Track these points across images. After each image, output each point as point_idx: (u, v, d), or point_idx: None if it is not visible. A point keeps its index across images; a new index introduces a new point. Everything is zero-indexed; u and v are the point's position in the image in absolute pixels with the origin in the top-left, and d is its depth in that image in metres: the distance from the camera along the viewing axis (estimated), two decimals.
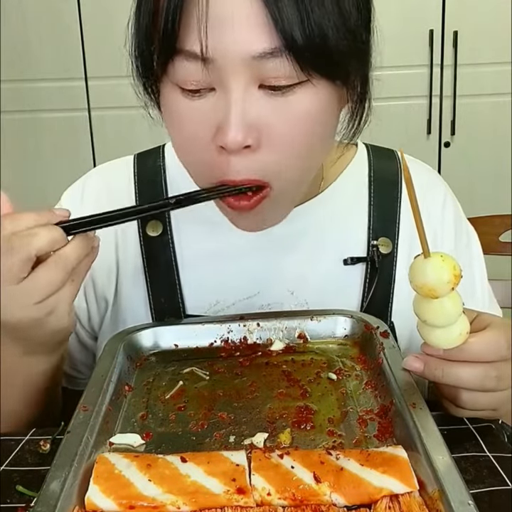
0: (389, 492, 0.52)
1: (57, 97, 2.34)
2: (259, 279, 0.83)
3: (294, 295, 0.84)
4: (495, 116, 2.35)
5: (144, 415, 0.65)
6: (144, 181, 0.86)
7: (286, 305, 0.83)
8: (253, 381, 0.70)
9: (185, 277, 0.83)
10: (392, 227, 0.85)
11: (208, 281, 0.83)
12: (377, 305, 0.84)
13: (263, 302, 0.83)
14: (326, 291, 0.84)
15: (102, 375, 0.68)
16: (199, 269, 0.84)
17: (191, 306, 0.83)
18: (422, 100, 2.34)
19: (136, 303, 0.84)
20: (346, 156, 0.88)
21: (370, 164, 0.88)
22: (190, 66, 0.62)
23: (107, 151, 2.38)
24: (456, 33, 2.27)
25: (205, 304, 0.83)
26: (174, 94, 0.66)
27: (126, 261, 0.85)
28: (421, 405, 0.60)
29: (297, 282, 0.84)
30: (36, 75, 2.32)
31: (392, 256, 0.85)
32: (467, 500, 0.48)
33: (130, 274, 0.85)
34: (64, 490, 0.51)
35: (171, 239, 0.84)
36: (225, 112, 0.63)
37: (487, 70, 2.31)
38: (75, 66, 2.32)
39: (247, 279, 0.83)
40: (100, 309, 0.87)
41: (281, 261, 0.84)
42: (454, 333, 0.60)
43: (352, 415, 0.64)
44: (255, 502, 0.52)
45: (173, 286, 0.83)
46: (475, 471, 0.58)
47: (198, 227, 0.84)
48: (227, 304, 0.83)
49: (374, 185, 0.86)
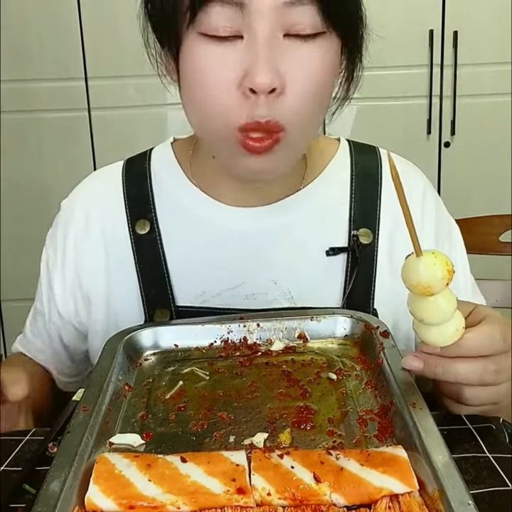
0: (389, 492, 0.52)
1: (57, 97, 2.34)
2: (243, 270, 0.86)
3: (277, 285, 0.86)
4: (495, 116, 2.34)
5: (143, 415, 0.65)
6: (132, 185, 0.90)
7: (270, 295, 0.86)
8: (253, 381, 0.70)
9: (174, 270, 0.87)
10: (372, 218, 0.88)
11: (194, 273, 0.87)
12: (359, 294, 0.86)
13: (247, 292, 0.86)
14: (309, 281, 0.87)
15: (101, 375, 0.68)
16: (186, 262, 0.87)
17: (179, 297, 0.86)
18: (422, 100, 2.34)
19: (128, 296, 0.87)
20: (329, 151, 0.91)
21: (351, 159, 0.91)
22: (223, 12, 0.67)
23: (107, 151, 2.37)
24: (456, 33, 2.27)
25: (192, 294, 0.86)
26: (201, 43, 0.69)
27: (117, 258, 0.89)
28: (421, 405, 0.60)
29: (281, 273, 0.86)
30: (36, 75, 2.32)
31: (372, 246, 0.87)
32: (467, 500, 0.48)
33: (121, 269, 0.88)
34: (64, 490, 0.51)
35: (158, 235, 0.87)
36: (254, 56, 0.67)
37: (487, 70, 2.30)
38: (75, 66, 2.32)
39: (231, 270, 0.86)
40: (86, 306, 0.91)
41: (266, 253, 0.86)
42: (450, 330, 0.60)
43: (352, 415, 0.64)
44: (255, 502, 0.52)
45: (163, 279, 0.86)
46: (475, 471, 0.58)
47: (184, 223, 0.88)
48: (212, 295, 0.86)
49: (356, 179, 0.89)
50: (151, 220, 0.88)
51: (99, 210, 0.90)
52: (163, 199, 0.89)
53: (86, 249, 0.90)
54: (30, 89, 2.33)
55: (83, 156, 2.39)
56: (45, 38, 2.30)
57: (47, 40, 2.30)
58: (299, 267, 0.87)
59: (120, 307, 0.88)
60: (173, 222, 0.88)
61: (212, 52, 0.69)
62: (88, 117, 2.37)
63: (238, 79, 0.68)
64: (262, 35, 0.67)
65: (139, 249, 0.87)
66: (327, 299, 0.86)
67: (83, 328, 0.92)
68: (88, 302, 0.90)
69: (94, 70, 2.32)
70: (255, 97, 0.68)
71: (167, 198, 0.89)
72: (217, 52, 0.69)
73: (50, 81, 2.33)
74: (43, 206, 2.43)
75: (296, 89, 0.70)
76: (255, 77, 0.67)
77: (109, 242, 0.89)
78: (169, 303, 0.86)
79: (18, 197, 2.43)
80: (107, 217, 0.89)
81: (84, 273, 0.90)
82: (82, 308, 0.91)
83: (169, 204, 0.88)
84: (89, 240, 0.90)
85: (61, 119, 2.37)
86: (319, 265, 0.87)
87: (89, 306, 0.90)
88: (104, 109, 2.35)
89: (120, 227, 0.88)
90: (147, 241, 0.87)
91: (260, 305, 0.85)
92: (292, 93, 0.70)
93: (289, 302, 0.86)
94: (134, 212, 0.88)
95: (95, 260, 0.89)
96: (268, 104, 0.69)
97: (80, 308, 0.91)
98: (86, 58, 2.32)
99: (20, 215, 2.44)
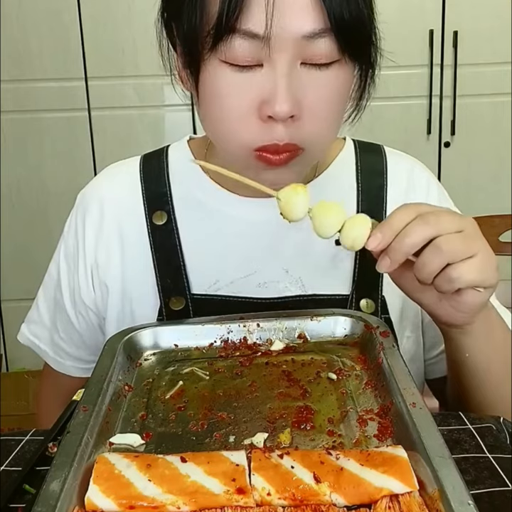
0: (389, 492, 0.52)
1: (57, 97, 2.34)
2: (255, 259, 0.89)
3: (288, 273, 0.89)
4: (495, 116, 2.35)
5: (143, 415, 0.65)
6: (150, 179, 0.93)
7: (281, 283, 0.88)
8: (253, 381, 0.70)
9: (189, 260, 0.89)
10: (379, 210, 0.90)
11: (208, 262, 0.90)
12: (368, 281, 0.88)
13: (260, 280, 0.88)
14: (319, 269, 0.89)
15: (101, 375, 0.68)
16: (201, 252, 0.90)
17: (194, 286, 0.89)
18: (422, 100, 2.34)
19: (144, 284, 0.90)
20: (336, 147, 0.94)
21: (356, 155, 0.94)
22: (244, 44, 0.70)
23: (106, 151, 2.38)
24: (456, 33, 2.27)
25: (206, 283, 0.89)
26: (222, 70, 0.72)
27: (133, 248, 0.91)
28: (421, 405, 0.60)
29: (292, 261, 0.89)
30: (36, 75, 2.32)
31: None
32: (467, 500, 0.48)
33: (138, 259, 0.91)
34: (64, 490, 0.51)
35: (175, 226, 0.90)
36: (273, 84, 0.70)
37: (487, 70, 2.31)
38: (75, 66, 2.32)
39: (244, 259, 0.89)
40: (103, 294, 0.93)
41: (277, 243, 0.89)
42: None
43: (352, 415, 0.64)
44: (255, 502, 0.52)
45: (178, 268, 0.89)
46: (475, 471, 0.58)
47: (199, 214, 0.90)
48: (226, 283, 0.89)
49: (362, 173, 0.92)
50: (168, 211, 0.90)
51: (115, 201, 0.93)
52: (179, 192, 0.91)
53: (101, 237, 0.92)
54: (30, 89, 2.34)
55: (83, 156, 2.39)
56: (45, 38, 2.30)
57: (47, 40, 2.30)
58: (309, 256, 0.89)
59: (136, 294, 0.91)
60: (188, 213, 0.91)
61: (233, 79, 0.72)
62: (88, 117, 2.37)
63: (257, 106, 0.72)
64: (281, 65, 0.70)
65: (155, 239, 0.90)
66: (337, 286, 0.88)
67: (100, 316, 0.94)
68: (106, 290, 0.92)
69: (94, 70, 2.33)
70: (273, 122, 0.72)
71: (183, 191, 0.91)
72: (237, 79, 0.72)
73: (50, 81, 2.33)
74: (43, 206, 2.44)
75: (313, 114, 0.73)
76: (275, 105, 0.70)
77: (124, 232, 0.92)
78: (184, 291, 0.88)
79: (18, 197, 2.43)
80: (123, 209, 0.92)
81: (101, 260, 0.92)
82: (100, 296, 0.93)
83: (185, 196, 0.91)
84: (104, 230, 0.92)
85: (61, 119, 2.37)
86: (329, 254, 0.89)
87: (106, 293, 0.92)
88: (104, 109, 2.36)
89: (137, 218, 0.91)
90: (164, 232, 0.90)
91: (272, 293, 0.88)
92: (309, 118, 0.73)
93: (300, 290, 0.88)
94: (151, 204, 0.91)
95: (110, 248, 0.92)
96: (286, 128, 0.72)
97: (98, 296, 0.93)
98: (86, 58, 2.32)
99: (20, 215, 2.44)
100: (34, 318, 0.99)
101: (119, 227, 0.92)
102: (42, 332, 0.99)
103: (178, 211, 0.91)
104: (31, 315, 1.00)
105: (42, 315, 0.98)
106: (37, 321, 0.99)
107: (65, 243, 0.96)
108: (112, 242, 0.92)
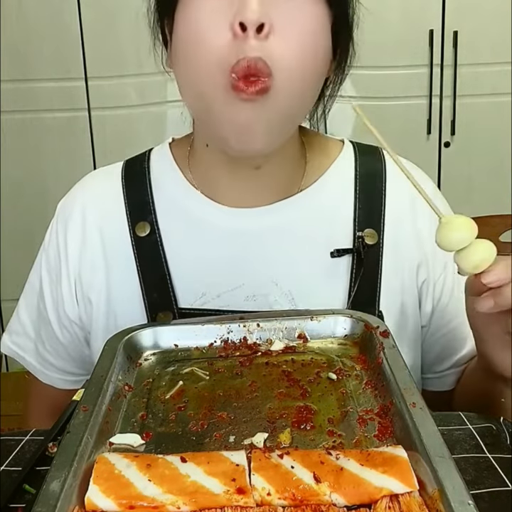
0: (389, 492, 0.52)
1: (57, 97, 2.34)
2: (243, 272, 0.86)
3: (278, 286, 0.86)
4: (495, 116, 2.35)
5: (143, 415, 0.65)
6: (131, 187, 0.90)
7: (270, 296, 0.85)
8: (253, 381, 0.70)
9: (175, 272, 0.86)
10: (377, 219, 0.87)
11: (195, 275, 0.86)
12: (365, 296, 0.85)
13: (248, 293, 0.85)
14: (311, 282, 0.86)
15: (101, 375, 0.68)
16: (186, 264, 0.87)
17: (180, 299, 0.86)
18: (422, 100, 2.34)
19: (130, 299, 0.87)
20: (333, 151, 0.91)
21: (355, 159, 0.91)
22: None
23: (106, 151, 2.38)
24: (456, 33, 2.27)
25: (193, 296, 0.86)
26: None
27: (117, 260, 0.88)
28: (421, 405, 0.60)
29: (282, 274, 0.86)
30: (36, 75, 2.32)
31: (377, 247, 0.87)
32: (467, 500, 0.48)
33: (122, 272, 0.88)
34: (64, 490, 0.51)
35: (159, 237, 0.87)
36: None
37: (487, 70, 2.31)
38: (75, 66, 2.32)
39: (231, 271, 0.86)
40: (87, 309, 0.90)
41: (266, 253, 0.86)
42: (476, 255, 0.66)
43: (352, 415, 0.64)
44: (255, 502, 0.52)
45: (164, 281, 0.86)
46: (475, 471, 0.58)
47: (184, 225, 0.87)
48: (212, 296, 0.86)
49: (360, 179, 0.89)
50: (151, 222, 0.87)
51: (97, 210, 0.90)
52: (162, 201, 0.88)
53: (84, 249, 0.89)
54: (30, 89, 2.34)
55: (83, 156, 2.39)
56: (45, 38, 2.30)
57: (47, 40, 2.30)
58: (300, 268, 0.86)
59: (121, 309, 0.88)
60: (172, 224, 0.88)
61: (206, 4, 0.72)
62: (88, 117, 2.37)
63: (229, 21, 0.71)
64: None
65: (139, 252, 0.87)
66: (329, 300, 0.85)
67: (86, 330, 0.92)
68: (90, 305, 0.90)
69: (94, 70, 2.33)
70: (245, 35, 0.70)
71: (166, 200, 0.88)
72: (211, 3, 0.72)
73: (50, 81, 2.33)
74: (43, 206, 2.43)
75: (284, 32, 0.72)
76: (245, 11, 0.69)
77: (107, 244, 0.89)
78: (171, 305, 0.85)
79: (18, 197, 2.43)
80: (106, 219, 0.89)
81: (85, 273, 0.89)
82: (84, 310, 0.90)
83: (168, 206, 0.88)
84: (87, 241, 0.89)
85: (61, 119, 2.37)
86: (321, 266, 0.86)
87: (90, 308, 0.90)
88: (104, 109, 2.36)
89: (119, 229, 0.88)
90: (147, 243, 0.87)
91: (261, 306, 0.85)
92: (280, 36, 0.71)
93: (290, 304, 0.85)
94: (134, 214, 0.88)
95: (94, 261, 0.89)
96: (257, 42, 0.70)
97: (82, 309, 0.91)
98: (86, 58, 2.32)
99: (20, 215, 2.44)
100: (16, 329, 0.96)
101: (102, 238, 0.89)
102: (26, 344, 0.95)
103: (161, 221, 0.87)
104: (13, 325, 0.97)
105: (25, 326, 0.95)
106: (19, 332, 0.96)
107: (46, 254, 0.92)
108: (95, 255, 0.89)
